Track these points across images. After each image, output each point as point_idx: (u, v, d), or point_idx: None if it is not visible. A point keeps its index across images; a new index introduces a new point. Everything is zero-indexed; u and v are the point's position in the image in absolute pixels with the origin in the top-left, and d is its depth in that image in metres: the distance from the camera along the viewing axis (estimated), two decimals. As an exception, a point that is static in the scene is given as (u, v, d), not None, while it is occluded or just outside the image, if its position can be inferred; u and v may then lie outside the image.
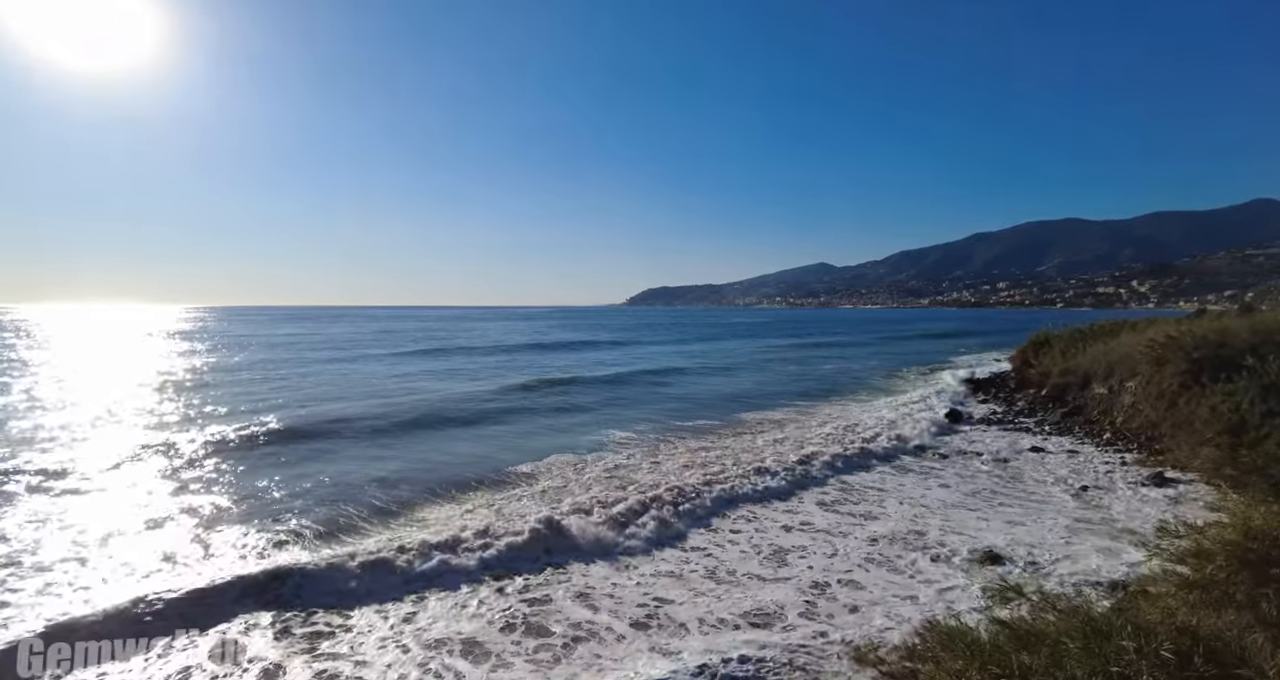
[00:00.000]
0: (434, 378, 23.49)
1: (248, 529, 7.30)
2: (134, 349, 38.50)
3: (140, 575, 5.99)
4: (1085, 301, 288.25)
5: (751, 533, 7.50)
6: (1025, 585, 3.02)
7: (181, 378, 22.57)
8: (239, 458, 10.78)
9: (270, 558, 6.44)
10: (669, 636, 5.04)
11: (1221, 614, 2.35)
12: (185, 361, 28.76)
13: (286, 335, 53.39)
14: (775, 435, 12.99)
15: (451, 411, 15.59)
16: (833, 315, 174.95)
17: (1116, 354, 14.10)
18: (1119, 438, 11.86)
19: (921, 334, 58.73)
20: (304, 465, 10.41)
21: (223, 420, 14.06)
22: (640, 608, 5.56)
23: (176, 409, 15.73)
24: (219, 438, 12.10)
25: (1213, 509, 4.70)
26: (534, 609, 5.52)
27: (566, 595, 5.81)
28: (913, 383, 22.23)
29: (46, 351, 34.57)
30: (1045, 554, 6.52)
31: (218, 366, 26.75)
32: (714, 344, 46.51)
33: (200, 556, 6.51)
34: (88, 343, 44.26)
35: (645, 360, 31.96)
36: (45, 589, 5.65)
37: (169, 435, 12.29)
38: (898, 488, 9.33)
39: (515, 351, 37.06)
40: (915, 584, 5.92)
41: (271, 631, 5.09)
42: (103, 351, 36.09)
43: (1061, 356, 16.10)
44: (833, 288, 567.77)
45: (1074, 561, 6.27)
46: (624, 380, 23.17)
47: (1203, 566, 2.70)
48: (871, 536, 7.24)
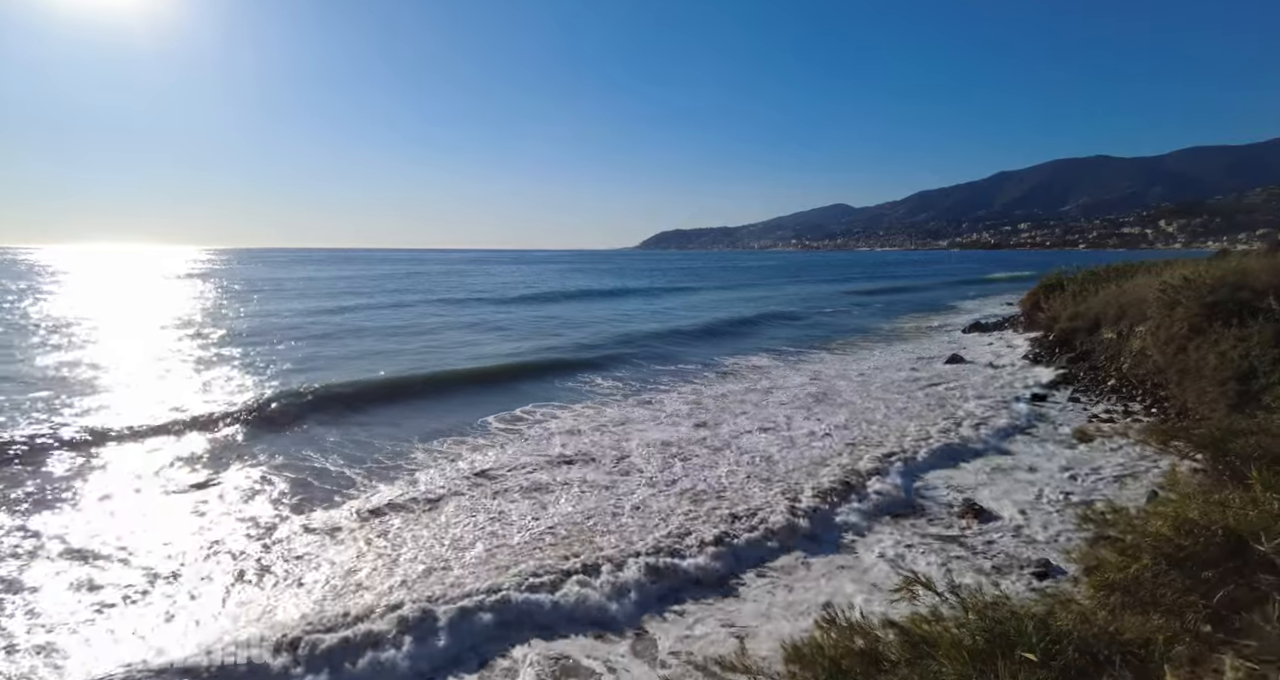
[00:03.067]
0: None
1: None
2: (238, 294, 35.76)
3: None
4: (1109, 242, 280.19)
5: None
6: (936, 581, 2.73)
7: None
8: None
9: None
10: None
11: (1148, 618, 2.05)
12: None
13: (351, 278, 52.90)
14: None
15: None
16: (866, 258, 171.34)
17: (1129, 297, 13.48)
18: (1123, 384, 11.46)
19: (983, 278, 55.58)
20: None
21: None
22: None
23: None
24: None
25: (1162, 487, 4.02)
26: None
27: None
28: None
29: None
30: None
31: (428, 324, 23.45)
32: (773, 290, 44.41)
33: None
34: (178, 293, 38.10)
35: (731, 307, 30.98)
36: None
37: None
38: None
39: (587, 298, 36.03)
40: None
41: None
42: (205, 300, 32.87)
43: (1072, 300, 15.49)
44: (850, 230, 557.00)
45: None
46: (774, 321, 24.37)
47: (1128, 564, 2.38)
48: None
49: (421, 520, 6.19)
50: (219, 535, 5.86)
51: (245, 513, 6.40)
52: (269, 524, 6.13)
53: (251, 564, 5.31)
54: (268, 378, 12.86)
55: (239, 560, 5.38)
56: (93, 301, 30.22)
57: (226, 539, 5.78)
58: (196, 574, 5.14)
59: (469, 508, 6.46)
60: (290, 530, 5.96)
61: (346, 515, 6.30)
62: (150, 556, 5.41)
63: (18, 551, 5.44)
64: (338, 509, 6.47)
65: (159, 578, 5.07)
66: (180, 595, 4.82)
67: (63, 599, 4.71)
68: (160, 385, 12.19)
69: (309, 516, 6.27)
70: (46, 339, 17.79)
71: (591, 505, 6.49)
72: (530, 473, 7.51)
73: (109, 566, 5.24)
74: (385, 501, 6.60)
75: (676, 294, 40.70)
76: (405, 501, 6.61)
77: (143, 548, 5.57)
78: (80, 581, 4.96)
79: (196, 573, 5.16)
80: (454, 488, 7.02)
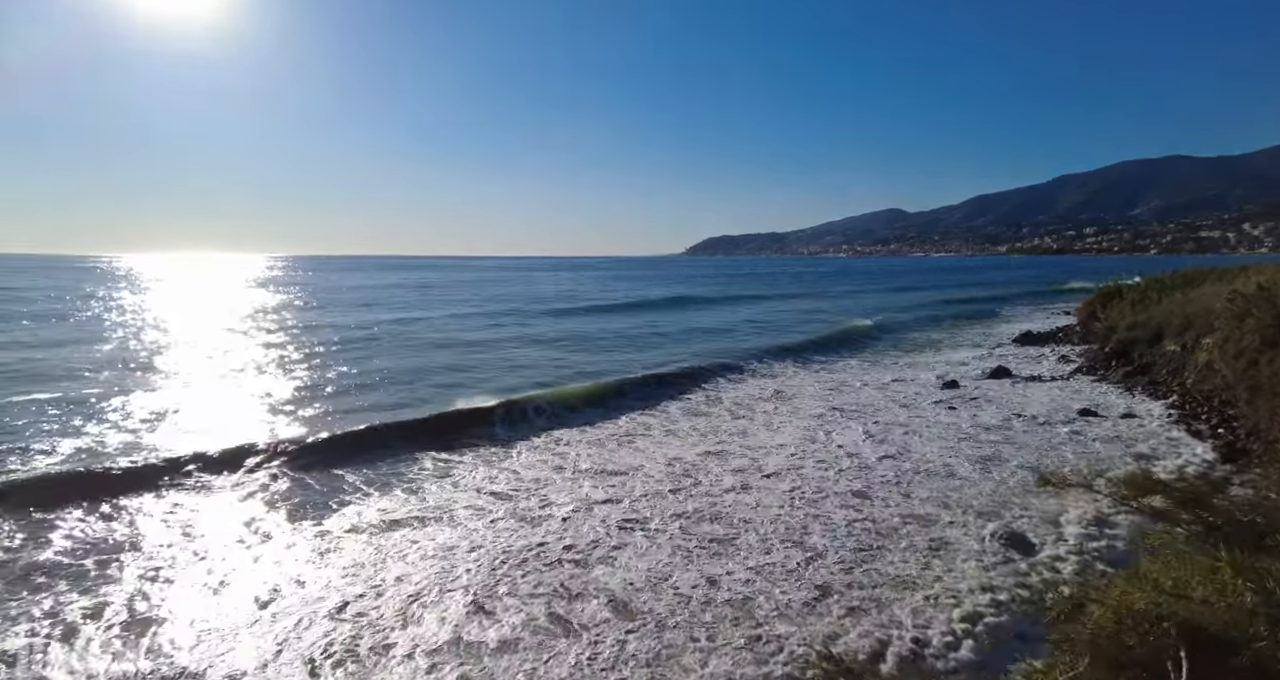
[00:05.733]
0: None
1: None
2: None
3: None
4: (1185, 247, 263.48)
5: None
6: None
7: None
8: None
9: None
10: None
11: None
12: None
13: (426, 285, 53.91)
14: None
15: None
16: (922, 264, 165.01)
17: (1195, 306, 12.49)
18: (1187, 400, 10.55)
19: (1055, 289, 46.79)
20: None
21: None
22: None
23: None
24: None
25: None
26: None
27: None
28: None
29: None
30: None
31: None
32: (853, 299, 40.80)
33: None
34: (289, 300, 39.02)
35: (814, 317, 28.45)
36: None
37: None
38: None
39: (674, 307, 34.69)
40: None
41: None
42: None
43: (1131, 309, 14.46)
44: (904, 235, 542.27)
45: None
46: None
47: (1071, 666, 1.93)
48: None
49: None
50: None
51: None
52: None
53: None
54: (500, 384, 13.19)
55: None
56: (265, 319, 27.47)
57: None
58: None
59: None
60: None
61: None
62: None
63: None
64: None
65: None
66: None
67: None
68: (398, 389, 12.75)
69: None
70: (220, 358, 16.80)
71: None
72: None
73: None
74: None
75: (751, 303, 38.43)
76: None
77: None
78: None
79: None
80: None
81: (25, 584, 5.16)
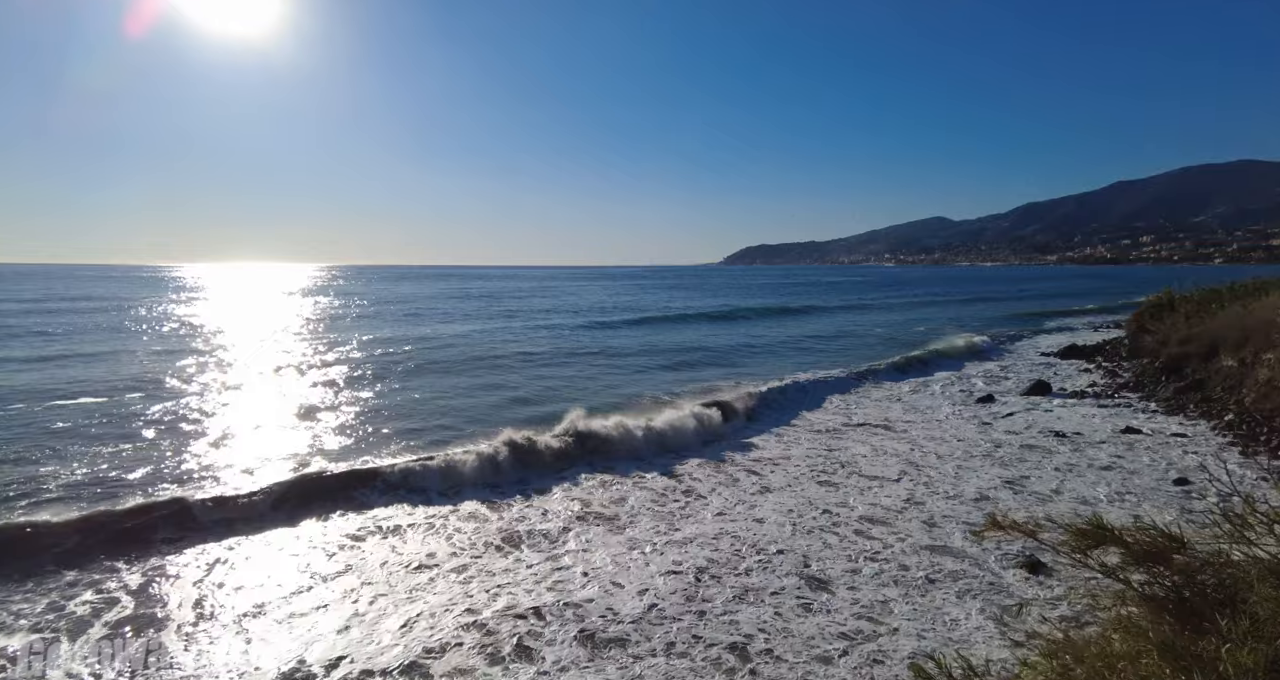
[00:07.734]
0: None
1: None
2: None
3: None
4: (1254, 256, 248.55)
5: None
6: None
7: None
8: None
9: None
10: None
11: None
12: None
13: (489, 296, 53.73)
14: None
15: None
16: (976, 274, 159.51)
17: (1255, 319, 11.69)
18: (1244, 420, 9.85)
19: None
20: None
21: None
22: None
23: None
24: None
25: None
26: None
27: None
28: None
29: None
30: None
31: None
32: (912, 311, 39.92)
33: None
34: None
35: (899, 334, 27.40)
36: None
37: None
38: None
39: (768, 318, 34.85)
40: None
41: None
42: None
43: (1185, 321, 13.63)
44: (948, 244, 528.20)
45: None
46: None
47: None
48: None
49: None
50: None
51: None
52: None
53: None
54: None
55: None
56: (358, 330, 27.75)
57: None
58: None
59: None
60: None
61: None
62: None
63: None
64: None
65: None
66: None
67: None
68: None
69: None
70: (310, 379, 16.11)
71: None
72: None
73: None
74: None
75: (815, 316, 36.85)
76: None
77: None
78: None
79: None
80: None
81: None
